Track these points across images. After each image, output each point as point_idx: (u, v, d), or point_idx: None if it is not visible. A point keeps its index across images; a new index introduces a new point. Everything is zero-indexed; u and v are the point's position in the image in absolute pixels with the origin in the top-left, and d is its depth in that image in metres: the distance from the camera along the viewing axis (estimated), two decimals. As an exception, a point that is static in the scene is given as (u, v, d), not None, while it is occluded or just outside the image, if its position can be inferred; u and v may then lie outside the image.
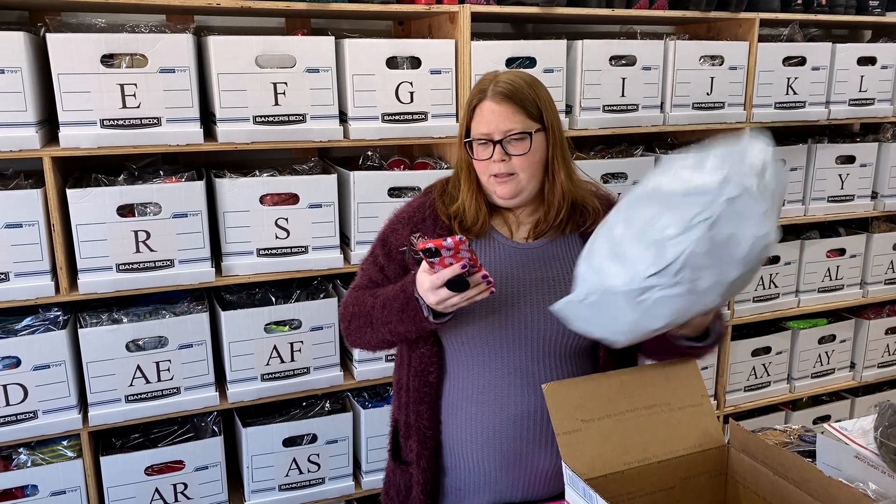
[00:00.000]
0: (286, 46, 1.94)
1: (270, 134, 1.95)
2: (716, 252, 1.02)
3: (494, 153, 1.33)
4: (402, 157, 2.29)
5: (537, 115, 1.35)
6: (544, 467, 1.38)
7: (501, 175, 1.34)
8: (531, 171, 1.35)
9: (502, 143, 1.32)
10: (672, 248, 1.02)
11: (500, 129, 1.32)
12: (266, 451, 2.11)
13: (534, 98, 1.35)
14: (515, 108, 1.32)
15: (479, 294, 1.24)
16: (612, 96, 2.30)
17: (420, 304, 1.30)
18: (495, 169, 1.34)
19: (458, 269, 1.20)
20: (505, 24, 2.58)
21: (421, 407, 1.42)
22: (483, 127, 1.34)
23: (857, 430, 1.39)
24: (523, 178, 1.35)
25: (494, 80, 1.35)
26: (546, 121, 1.36)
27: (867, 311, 3.02)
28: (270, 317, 2.06)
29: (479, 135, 1.34)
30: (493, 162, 1.33)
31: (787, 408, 2.98)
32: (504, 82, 1.34)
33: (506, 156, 1.33)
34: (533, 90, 1.35)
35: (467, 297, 1.23)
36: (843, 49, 2.62)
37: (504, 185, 1.35)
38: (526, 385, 1.37)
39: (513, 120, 1.32)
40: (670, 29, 2.77)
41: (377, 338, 1.41)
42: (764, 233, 1.03)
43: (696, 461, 1.18)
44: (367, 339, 1.43)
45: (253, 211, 1.98)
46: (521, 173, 1.34)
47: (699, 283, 1.03)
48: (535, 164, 1.35)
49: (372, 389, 2.32)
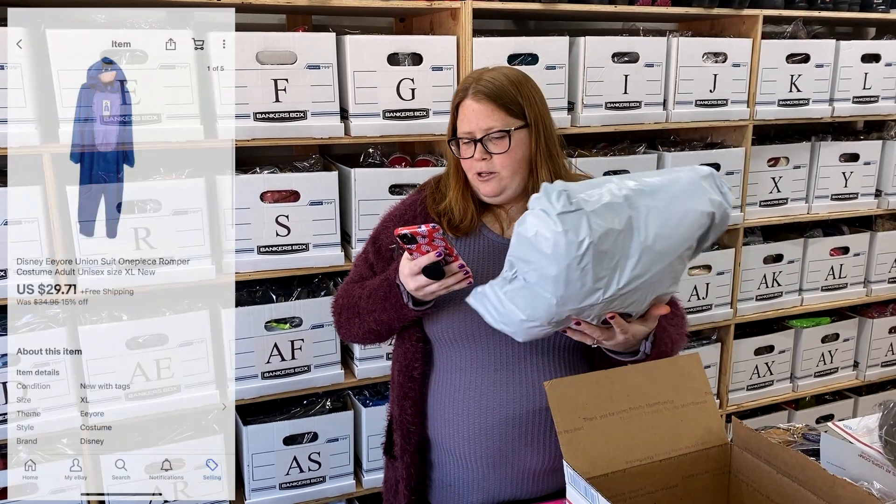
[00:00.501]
0: (287, 43, 1.93)
1: (271, 131, 1.94)
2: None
3: (476, 152, 1.34)
4: (403, 154, 2.28)
5: (519, 113, 1.34)
6: (533, 465, 1.38)
7: (484, 173, 1.35)
8: (512, 168, 1.35)
9: (483, 142, 1.33)
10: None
11: (480, 128, 1.33)
12: (267, 450, 2.10)
13: (515, 95, 1.34)
14: (495, 107, 1.33)
15: (457, 283, 1.26)
16: (615, 93, 2.29)
17: (401, 291, 1.32)
18: (477, 168, 1.35)
19: (433, 256, 1.22)
20: (507, 21, 2.57)
21: (405, 402, 1.43)
22: (465, 125, 1.35)
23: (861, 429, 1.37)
24: (505, 177, 1.36)
25: (477, 79, 1.36)
26: (529, 118, 1.35)
27: (871, 310, 3.00)
28: (271, 314, 2.05)
29: (462, 133, 1.36)
30: (475, 160, 1.34)
31: (790, 407, 2.97)
32: (486, 80, 1.35)
33: (486, 154, 1.34)
34: (516, 87, 1.35)
35: (445, 286, 1.26)
36: (847, 46, 2.61)
37: (487, 184, 1.36)
38: (513, 382, 1.36)
39: (492, 118, 1.33)
40: (673, 26, 2.76)
41: (364, 328, 1.42)
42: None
43: (699, 459, 1.17)
44: (356, 330, 1.45)
45: (253, 208, 1.98)
46: (503, 171, 1.35)
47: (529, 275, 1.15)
48: (517, 162, 1.35)
49: (373, 388, 2.32)
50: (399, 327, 1.42)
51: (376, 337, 1.46)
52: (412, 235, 1.21)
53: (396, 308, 1.35)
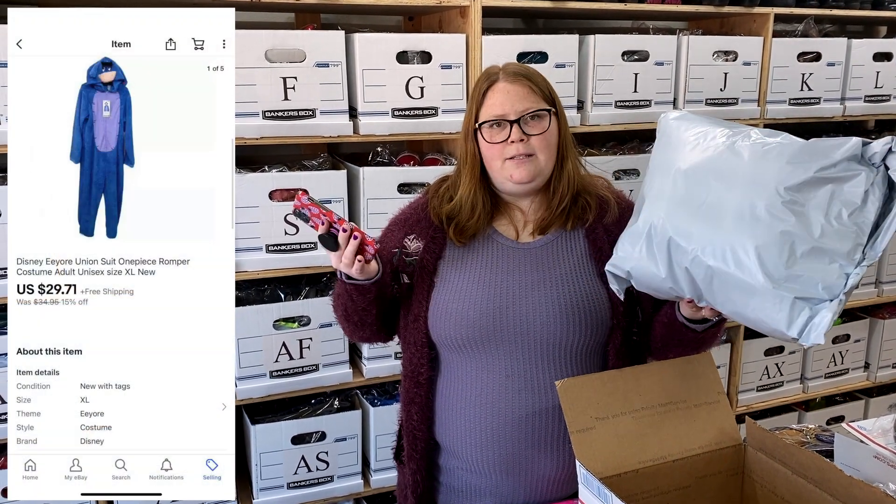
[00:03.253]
0: (296, 41, 1.93)
1: (279, 129, 1.94)
2: None
3: (512, 133, 1.29)
4: (412, 152, 2.28)
5: (549, 99, 1.34)
6: (547, 472, 1.35)
7: (519, 156, 1.30)
8: (549, 152, 1.33)
9: (519, 123, 1.30)
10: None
11: (515, 109, 1.30)
12: (275, 449, 2.10)
13: (545, 80, 1.35)
14: (531, 88, 1.31)
15: (356, 253, 1.24)
16: (625, 92, 2.28)
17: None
18: (512, 151, 1.30)
19: (321, 225, 1.24)
20: (516, 19, 2.56)
21: (412, 408, 1.41)
22: (497, 108, 1.31)
23: (876, 430, 1.36)
24: (542, 160, 1.32)
25: (504, 66, 1.35)
26: (557, 105, 1.35)
27: (882, 311, 2.98)
28: (279, 313, 2.05)
29: (492, 116, 1.31)
30: (508, 144, 1.30)
31: (801, 408, 2.95)
32: (515, 65, 1.35)
33: (524, 135, 1.30)
34: (542, 76, 1.35)
35: (348, 258, 1.24)
36: (858, 45, 2.59)
37: (521, 168, 1.31)
38: (525, 389, 1.33)
39: (529, 99, 1.31)
40: (683, 24, 2.74)
41: (341, 316, 1.42)
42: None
43: (713, 460, 1.16)
44: (341, 322, 1.45)
45: (262, 207, 1.97)
46: (541, 154, 1.31)
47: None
48: (552, 146, 1.33)
49: (381, 387, 2.31)
50: (365, 313, 1.37)
51: (355, 326, 1.42)
52: (300, 211, 1.25)
53: (344, 288, 1.33)
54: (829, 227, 0.98)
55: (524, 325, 1.32)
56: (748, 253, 0.99)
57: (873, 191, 0.99)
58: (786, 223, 0.98)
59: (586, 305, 1.33)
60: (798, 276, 0.98)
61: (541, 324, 1.32)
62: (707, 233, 1.04)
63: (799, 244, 0.98)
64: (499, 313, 1.32)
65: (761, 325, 1.03)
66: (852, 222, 0.98)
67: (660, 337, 1.36)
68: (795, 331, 0.99)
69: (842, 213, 0.98)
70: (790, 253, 0.98)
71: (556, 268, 1.35)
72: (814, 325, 0.98)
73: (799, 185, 0.99)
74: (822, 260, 0.98)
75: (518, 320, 1.32)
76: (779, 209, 0.99)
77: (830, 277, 0.98)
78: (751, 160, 1.03)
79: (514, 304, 1.33)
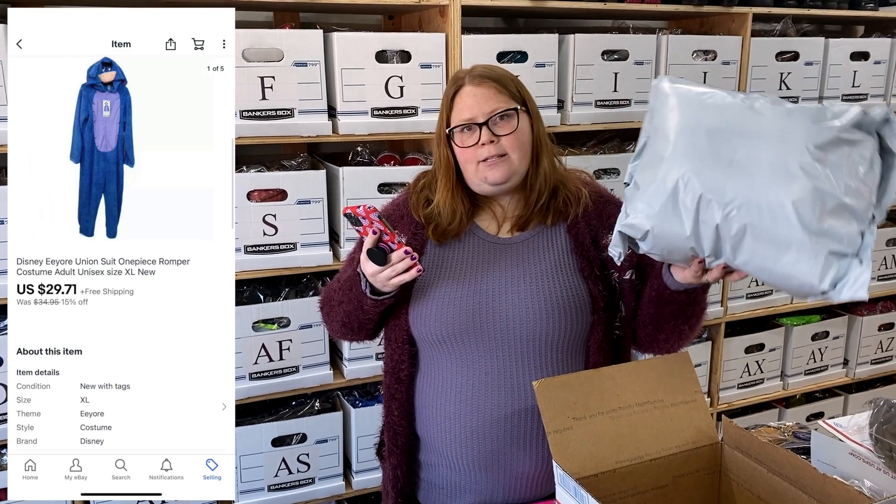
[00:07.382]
0: (273, 40, 1.91)
1: (258, 129, 1.92)
2: None
3: (482, 135, 1.30)
4: (392, 152, 2.27)
5: (518, 97, 1.33)
6: (527, 470, 1.35)
7: (492, 158, 1.30)
8: (522, 150, 1.33)
9: (488, 125, 1.30)
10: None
11: (483, 112, 1.30)
12: (255, 451, 2.08)
13: (512, 79, 1.34)
14: (497, 88, 1.31)
15: (406, 271, 1.24)
16: (605, 91, 2.28)
17: (361, 278, 1.31)
18: (484, 153, 1.30)
19: (373, 238, 1.22)
20: (496, 18, 2.56)
21: (392, 403, 1.42)
22: (465, 113, 1.31)
23: (851, 427, 1.37)
24: (515, 159, 1.32)
25: (471, 70, 1.35)
26: (527, 103, 1.35)
27: (860, 308, 3.01)
28: (258, 315, 2.03)
29: (461, 121, 1.32)
30: (480, 146, 1.30)
31: (781, 405, 2.97)
32: (482, 68, 1.34)
33: (494, 136, 1.30)
34: (509, 76, 1.35)
35: (395, 273, 1.24)
36: (836, 44, 2.61)
37: (495, 169, 1.31)
38: (504, 387, 1.33)
39: (496, 99, 1.31)
40: (663, 24, 2.75)
41: (338, 320, 1.41)
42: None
43: (690, 459, 1.16)
44: (333, 324, 1.44)
45: (240, 207, 1.96)
46: (513, 153, 1.31)
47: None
48: (525, 145, 1.33)
49: (362, 388, 2.30)
50: (368, 321, 1.38)
51: (350, 331, 1.43)
52: (355, 216, 1.19)
53: (359, 297, 1.33)
54: (850, 186, 1.02)
55: (504, 320, 1.32)
56: (785, 208, 1.02)
57: (875, 156, 1.04)
58: (818, 179, 1.01)
59: (567, 301, 1.33)
60: (828, 230, 1.01)
61: (521, 319, 1.32)
62: (742, 189, 1.05)
63: (829, 200, 1.01)
64: (479, 309, 1.32)
65: (789, 281, 1.05)
66: (864, 182, 1.03)
67: (649, 315, 1.33)
68: (827, 283, 1.02)
69: (859, 171, 1.03)
70: (822, 208, 1.01)
71: (536, 263, 1.35)
72: (849, 280, 1.02)
73: (825, 144, 1.02)
74: (845, 216, 1.02)
75: (498, 316, 1.32)
76: (811, 166, 1.02)
77: (852, 233, 1.03)
78: (776, 119, 1.06)
79: (494, 300, 1.33)
